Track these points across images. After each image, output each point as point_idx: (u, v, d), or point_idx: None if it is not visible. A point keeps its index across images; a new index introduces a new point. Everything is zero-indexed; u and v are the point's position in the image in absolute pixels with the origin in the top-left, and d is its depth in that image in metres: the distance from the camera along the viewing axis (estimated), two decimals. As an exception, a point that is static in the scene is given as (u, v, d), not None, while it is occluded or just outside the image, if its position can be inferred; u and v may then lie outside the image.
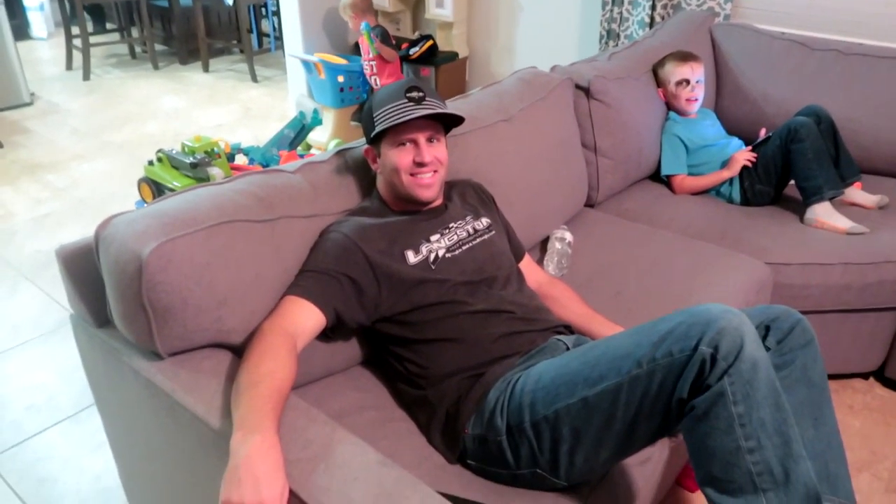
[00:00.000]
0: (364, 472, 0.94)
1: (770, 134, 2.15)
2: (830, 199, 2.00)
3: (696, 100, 2.26)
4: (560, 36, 3.53)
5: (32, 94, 4.55)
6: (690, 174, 2.25)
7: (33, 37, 6.07)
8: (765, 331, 1.25)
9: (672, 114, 2.31)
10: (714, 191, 2.23)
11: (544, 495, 1.16)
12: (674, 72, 2.25)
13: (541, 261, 1.84)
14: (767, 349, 1.22)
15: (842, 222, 1.97)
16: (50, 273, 2.64)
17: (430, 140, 1.33)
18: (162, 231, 1.09)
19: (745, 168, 2.15)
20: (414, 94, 1.30)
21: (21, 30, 5.96)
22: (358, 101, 3.70)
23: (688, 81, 2.24)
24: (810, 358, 1.24)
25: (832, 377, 2.05)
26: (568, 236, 1.87)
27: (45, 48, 5.80)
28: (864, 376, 2.11)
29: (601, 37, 3.26)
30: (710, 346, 0.98)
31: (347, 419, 1.26)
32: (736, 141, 2.28)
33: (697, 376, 0.99)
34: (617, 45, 3.20)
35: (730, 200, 2.20)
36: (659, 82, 2.31)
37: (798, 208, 2.08)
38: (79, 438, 1.88)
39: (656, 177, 2.34)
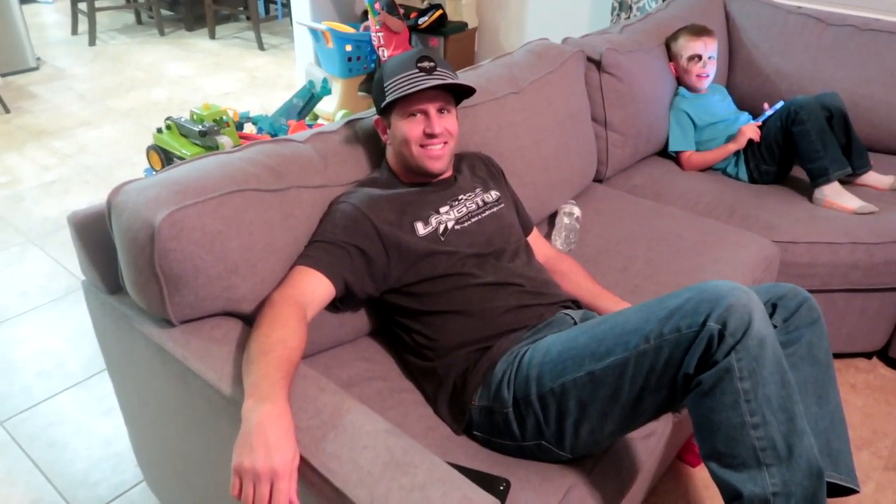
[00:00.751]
0: (373, 441, 0.96)
1: (776, 106, 2.12)
2: (838, 179, 1.99)
3: (707, 76, 2.24)
4: (571, 7, 3.48)
5: (38, 59, 4.52)
6: (699, 151, 2.24)
7: (38, 0, 6.01)
8: (772, 309, 1.26)
9: (681, 89, 2.29)
10: (721, 169, 2.22)
11: (549, 467, 1.17)
12: (686, 46, 2.22)
13: (549, 235, 1.84)
14: (774, 327, 1.23)
15: (851, 202, 1.96)
16: (57, 239, 2.65)
17: (440, 111, 1.33)
18: (173, 199, 1.10)
19: (749, 147, 2.14)
20: (425, 63, 1.29)
21: (26, -7, 5.90)
22: (366, 71, 3.67)
23: (700, 57, 2.21)
24: (816, 336, 1.25)
25: (836, 356, 2.06)
26: (576, 211, 1.87)
27: (50, 12, 5.75)
28: (868, 356, 2.12)
29: (613, 8, 3.21)
30: (719, 323, 0.98)
31: (355, 389, 1.28)
32: (745, 116, 2.27)
33: (704, 352, 0.99)
34: (629, 17, 3.15)
35: (737, 179, 2.19)
36: (670, 56, 2.29)
37: (807, 186, 2.07)
38: (88, 404, 1.90)
39: (665, 152, 2.32)
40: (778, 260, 1.86)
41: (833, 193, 1.98)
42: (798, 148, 2.01)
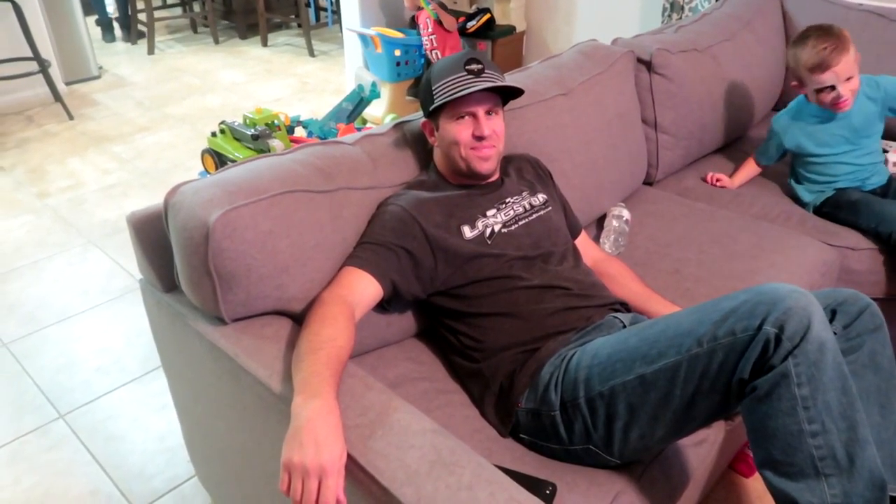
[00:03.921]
0: (420, 440, 0.96)
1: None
2: None
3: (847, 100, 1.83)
4: (621, 10, 3.44)
5: (100, 68, 4.70)
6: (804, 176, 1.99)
7: (100, 12, 6.24)
8: (831, 314, 1.21)
9: (799, 107, 1.96)
10: (793, 196, 2.02)
11: (597, 472, 1.16)
12: (813, 79, 1.82)
13: (597, 238, 1.82)
14: (834, 333, 1.18)
15: None
16: (116, 241, 2.74)
17: (488, 113, 1.32)
18: (227, 199, 1.12)
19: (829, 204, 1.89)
20: (473, 66, 1.29)
21: (89, 5, 6.13)
22: (414, 76, 3.70)
23: (833, 87, 1.82)
24: (879, 343, 1.20)
25: (900, 365, 1.97)
26: (626, 214, 1.84)
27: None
28: (935, 365, 2.02)
29: (664, 9, 3.16)
30: (775, 326, 0.95)
31: (401, 389, 1.28)
32: (856, 149, 1.90)
33: (760, 356, 0.96)
34: (681, 17, 3.10)
35: (803, 205, 1.98)
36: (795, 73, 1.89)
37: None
38: (145, 399, 1.96)
39: (719, 154, 2.27)
40: (837, 265, 1.80)
41: None
42: None
